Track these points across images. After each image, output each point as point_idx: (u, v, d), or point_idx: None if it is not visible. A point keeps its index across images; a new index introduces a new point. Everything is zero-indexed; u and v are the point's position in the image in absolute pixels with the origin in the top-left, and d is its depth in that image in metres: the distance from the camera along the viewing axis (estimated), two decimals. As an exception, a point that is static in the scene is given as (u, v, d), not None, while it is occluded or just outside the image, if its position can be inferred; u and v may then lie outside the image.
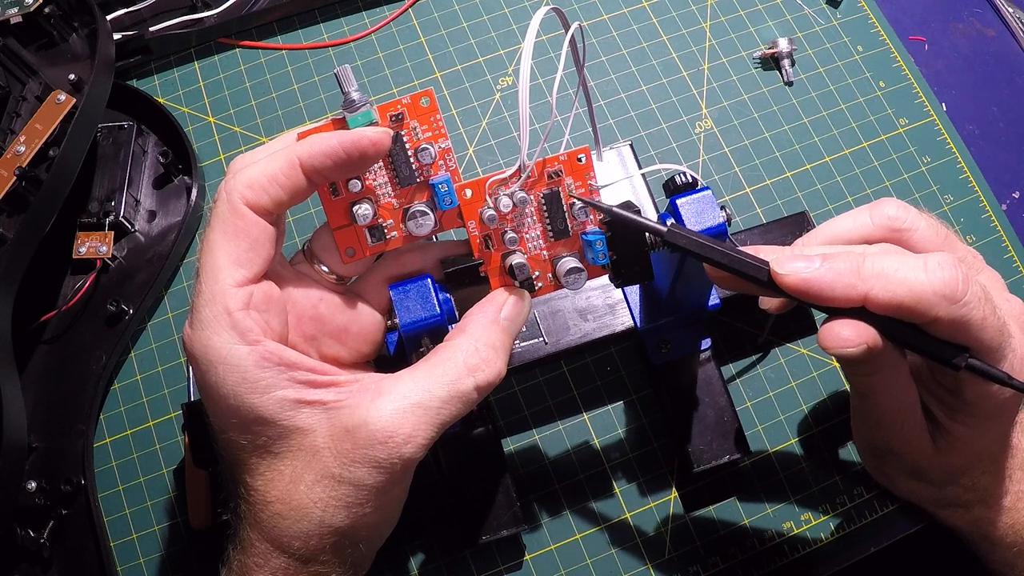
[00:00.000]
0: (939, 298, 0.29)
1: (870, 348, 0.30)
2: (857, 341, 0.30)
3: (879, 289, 0.29)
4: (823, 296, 0.30)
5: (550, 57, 0.55)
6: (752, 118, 0.54)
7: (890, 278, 0.29)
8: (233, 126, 0.55)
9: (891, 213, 0.34)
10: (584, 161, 0.33)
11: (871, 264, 0.30)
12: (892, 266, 0.30)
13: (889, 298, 0.29)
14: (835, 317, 0.31)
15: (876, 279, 0.30)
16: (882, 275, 0.30)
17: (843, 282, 0.30)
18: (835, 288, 0.30)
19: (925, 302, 0.29)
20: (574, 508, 0.45)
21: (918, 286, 0.29)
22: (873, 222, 0.34)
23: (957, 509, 0.37)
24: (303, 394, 0.30)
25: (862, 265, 0.30)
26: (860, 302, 0.30)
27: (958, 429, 0.34)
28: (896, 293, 0.29)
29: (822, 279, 0.30)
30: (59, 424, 0.47)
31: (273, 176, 0.30)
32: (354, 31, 0.57)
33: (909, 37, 0.57)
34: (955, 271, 0.30)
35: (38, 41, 0.50)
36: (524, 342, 0.43)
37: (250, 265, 0.30)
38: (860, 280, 0.30)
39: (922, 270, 0.30)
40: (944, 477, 0.36)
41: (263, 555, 0.31)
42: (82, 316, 0.49)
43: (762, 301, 0.42)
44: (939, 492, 0.37)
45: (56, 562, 0.44)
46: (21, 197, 0.45)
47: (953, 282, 0.29)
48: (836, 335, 0.30)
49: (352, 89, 0.31)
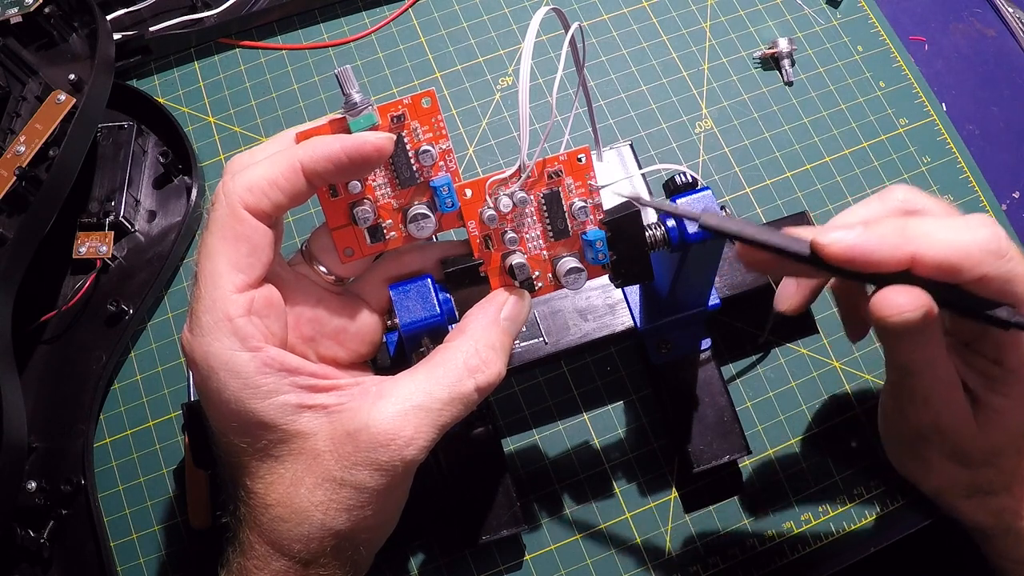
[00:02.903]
0: (985, 253, 0.29)
1: (927, 312, 0.29)
2: (915, 305, 0.29)
3: (926, 248, 0.29)
4: (870, 261, 0.30)
5: (550, 57, 0.55)
6: (752, 118, 0.54)
7: (936, 237, 0.29)
8: (233, 126, 0.55)
9: (901, 197, 0.34)
10: (584, 161, 0.33)
11: (915, 226, 0.30)
12: (935, 228, 0.30)
13: (937, 257, 0.29)
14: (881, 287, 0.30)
15: (922, 239, 0.29)
16: (927, 235, 0.29)
17: (889, 243, 0.29)
18: (882, 250, 0.29)
19: (973, 258, 0.29)
20: (574, 508, 0.46)
21: (964, 243, 0.29)
22: (885, 207, 0.34)
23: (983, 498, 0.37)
24: (304, 398, 0.30)
25: (906, 227, 0.30)
26: (907, 264, 0.30)
27: (999, 401, 0.34)
28: (943, 252, 0.29)
29: (868, 243, 0.30)
30: (59, 424, 0.47)
31: (274, 180, 0.29)
32: (354, 31, 0.57)
33: (909, 37, 0.57)
34: (996, 227, 0.30)
35: (38, 41, 0.50)
36: (524, 342, 0.43)
37: (250, 270, 0.30)
38: (906, 241, 0.29)
39: (965, 228, 0.30)
40: (983, 457, 0.36)
41: (263, 558, 0.30)
42: (82, 316, 0.49)
43: (778, 302, 0.41)
44: (973, 475, 0.37)
45: (56, 562, 0.44)
46: (21, 197, 0.45)
47: (996, 238, 0.29)
48: (892, 302, 0.29)
49: (353, 91, 0.30)
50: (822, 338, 0.49)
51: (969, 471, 0.37)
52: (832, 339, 0.49)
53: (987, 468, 0.36)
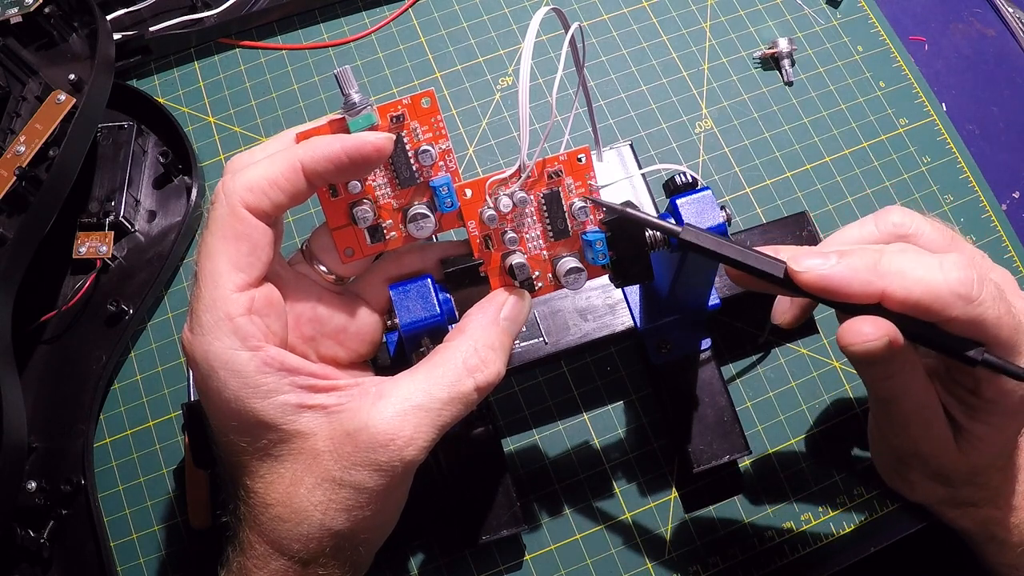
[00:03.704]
0: (955, 297, 0.29)
1: (891, 342, 0.30)
2: (877, 335, 0.30)
3: (896, 287, 0.30)
4: (840, 293, 0.30)
5: (550, 57, 0.55)
6: (752, 118, 0.54)
7: (907, 276, 0.30)
8: (233, 126, 0.55)
9: (896, 220, 0.34)
10: (584, 161, 0.33)
11: (888, 261, 0.30)
12: (909, 264, 0.30)
13: (906, 296, 0.29)
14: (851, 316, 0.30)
15: (893, 276, 0.30)
16: (899, 273, 0.30)
17: (860, 279, 0.30)
18: (852, 285, 0.30)
19: (941, 301, 0.29)
20: (574, 508, 0.46)
21: (934, 285, 0.29)
22: (879, 230, 0.34)
23: (968, 509, 0.37)
24: (304, 398, 0.30)
25: (879, 262, 0.30)
26: (877, 299, 0.30)
27: (978, 428, 0.34)
28: (913, 291, 0.29)
29: (840, 275, 0.30)
30: (59, 424, 0.47)
31: (274, 179, 0.30)
32: (354, 31, 0.57)
33: (909, 37, 0.57)
34: (970, 271, 0.30)
35: (38, 41, 0.50)
36: (524, 342, 0.43)
37: (250, 269, 0.30)
38: (877, 277, 0.30)
39: (938, 269, 0.30)
40: (964, 477, 0.36)
41: (262, 557, 0.31)
42: (82, 316, 0.49)
43: (774, 315, 0.42)
44: (956, 492, 0.37)
45: (56, 562, 0.44)
46: (21, 197, 0.45)
47: (968, 282, 0.29)
48: (857, 331, 0.30)
49: (353, 91, 0.30)
50: (822, 338, 0.49)
51: (951, 489, 0.37)
52: (832, 339, 0.49)
53: (969, 487, 0.37)
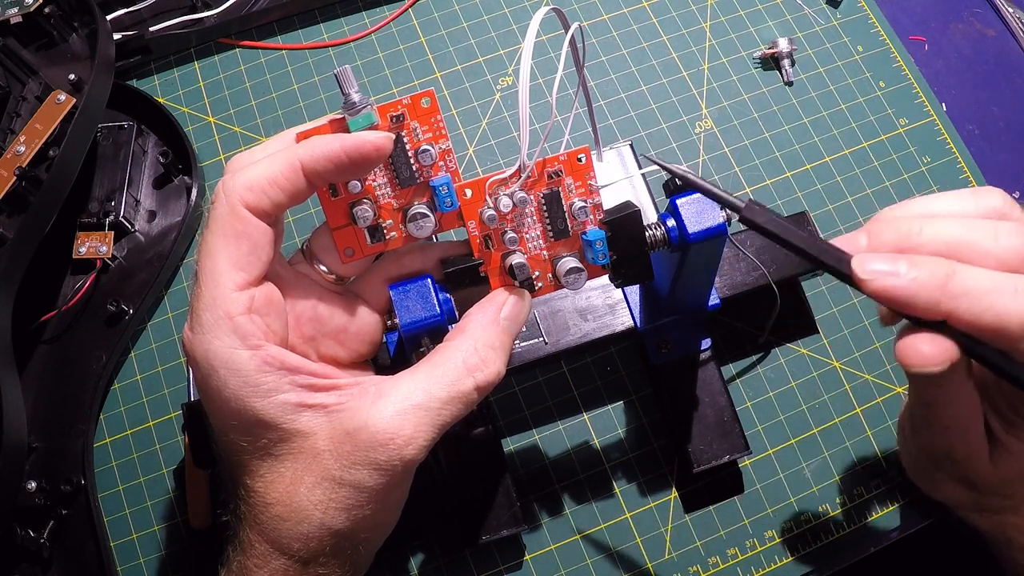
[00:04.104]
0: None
1: (953, 366, 0.28)
2: (940, 359, 0.27)
3: (964, 310, 0.27)
4: (905, 307, 0.28)
5: (550, 57, 0.55)
6: (752, 118, 0.54)
7: (978, 300, 0.27)
8: (233, 126, 0.55)
9: (997, 205, 0.31)
10: (584, 161, 0.33)
11: (960, 281, 0.27)
12: (982, 285, 0.27)
13: (974, 321, 0.27)
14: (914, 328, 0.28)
15: (962, 299, 0.27)
16: (969, 295, 0.27)
17: (926, 296, 0.27)
18: (918, 301, 0.28)
19: (1011, 334, 0.27)
20: (574, 508, 0.46)
21: (1005, 315, 0.27)
22: (977, 209, 0.31)
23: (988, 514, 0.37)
24: (304, 398, 0.30)
25: (950, 281, 0.27)
26: (942, 318, 0.28)
27: (1015, 445, 0.33)
28: (982, 318, 0.27)
29: (906, 290, 0.28)
30: (59, 424, 0.47)
31: (273, 178, 0.30)
32: (354, 31, 0.57)
33: (909, 37, 0.57)
34: None
35: (38, 41, 0.50)
36: (524, 342, 0.43)
37: (250, 268, 0.30)
38: (946, 298, 0.27)
39: (1012, 295, 0.27)
40: (993, 488, 0.35)
41: (263, 556, 0.31)
42: (82, 316, 0.49)
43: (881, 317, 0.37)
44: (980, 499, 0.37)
45: (56, 562, 0.44)
46: (21, 197, 0.45)
47: None
48: (917, 351, 0.28)
49: (353, 90, 0.30)
50: (822, 338, 0.49)
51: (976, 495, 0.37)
52: (832, 339, 0.49)
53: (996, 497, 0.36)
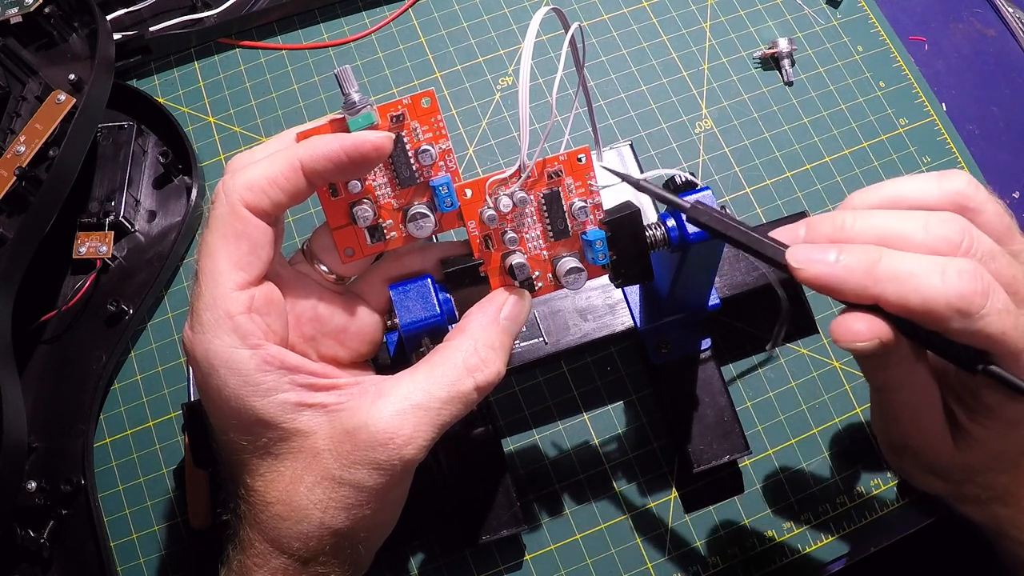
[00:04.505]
0: (952, 311, 0.28)
1: (883, 343, 0.29)
2: (868, 335, 0.29)
3: (891, 293, 0.28)
4: (835, 293, 0.29)
5: (550, 57, 0.55)
6: (752, 118, 0.54)
7: (904, 283, 0.28)
8: (233, 126, 0.55)
9: (960, 187, 0.31)
10: (584, 161, 0.33)
11: (886, 265, 0.29)
12: (908, 269, 0.28)
13: (901, 303, 0.28)
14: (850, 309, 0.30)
15: (889, 282, 0.28)
16: (895, 279, 0.28)
17: (854, 281, 0.29)
18: (846, 286, 0.29)
19: (937, 313, 0.28)
20: (574, 508, 0.46)
21: (932, 295, 0.28)
22: (940, 191, 0.32)
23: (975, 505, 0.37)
24: (304, 397, 0.30)
25: (877, 264, 0.29)
26: (873, 302, 0.29)
27: (977, 431, 0.33)
28: (908, 300, 0.28)
29: (835, 276, 0.29)
30: (59, 424, 0.47)
31: (273, 178, 0.30)
32: (354, 31, 0.57)
33: (909, 37, 0.57)
34: (975, 282, 0.28)
35: (38, 41, 0.50)
36: (524, 342, 0.43)
37: (250, 268, 0.30)
38: (872, 282, 0.29)
39: (938, 277, 0.28)
40: (961, 475, 0.35)
41: (263, 555, 0.31)
42: (82, 316, 0.49)
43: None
44: (956, 488, 0.36)
45: (56, 562, 0.44)
46: (21, 197, 0.45)
47: (970, 295, 0.28)
48: (848, 328, 0.29)
49: (353, 90, 0.30)
50: (822, 338, 0.49)
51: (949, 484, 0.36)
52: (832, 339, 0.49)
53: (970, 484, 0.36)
